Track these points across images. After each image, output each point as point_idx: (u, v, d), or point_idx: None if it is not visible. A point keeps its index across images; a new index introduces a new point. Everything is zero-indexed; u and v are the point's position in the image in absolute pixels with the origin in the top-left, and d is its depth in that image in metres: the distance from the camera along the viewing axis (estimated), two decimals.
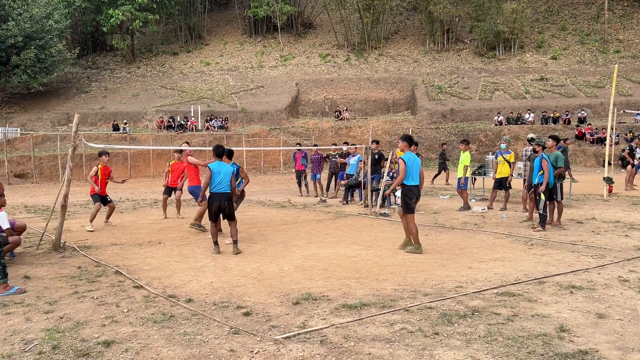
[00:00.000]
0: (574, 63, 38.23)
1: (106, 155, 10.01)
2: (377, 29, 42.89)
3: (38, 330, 4.25)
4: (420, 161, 7.58)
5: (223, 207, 7.38)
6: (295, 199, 14.91)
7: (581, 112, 30.72)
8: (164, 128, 30.42)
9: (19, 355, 3.76)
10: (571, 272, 5.97)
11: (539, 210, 9.06)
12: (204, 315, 4.59)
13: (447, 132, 31.03)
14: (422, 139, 29.93)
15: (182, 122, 30.75)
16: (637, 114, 28.95)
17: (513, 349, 3.75)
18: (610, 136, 15.80)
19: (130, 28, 38.92)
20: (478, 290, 5.27)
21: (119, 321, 4.45)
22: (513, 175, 11.97)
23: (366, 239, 8.35)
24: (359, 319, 4.42)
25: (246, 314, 4.59)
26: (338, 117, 33.54)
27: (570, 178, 14.02)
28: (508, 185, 11.87)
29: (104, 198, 9.94)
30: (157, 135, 29.14)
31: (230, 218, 7.50)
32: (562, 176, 9.80)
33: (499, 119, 30.88)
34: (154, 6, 38.15)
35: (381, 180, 11.84)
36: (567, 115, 30.44)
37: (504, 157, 11.67)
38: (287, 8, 41.81)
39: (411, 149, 12.09)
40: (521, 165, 12.44)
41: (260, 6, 41.37)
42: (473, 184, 14.70)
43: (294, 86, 36.97)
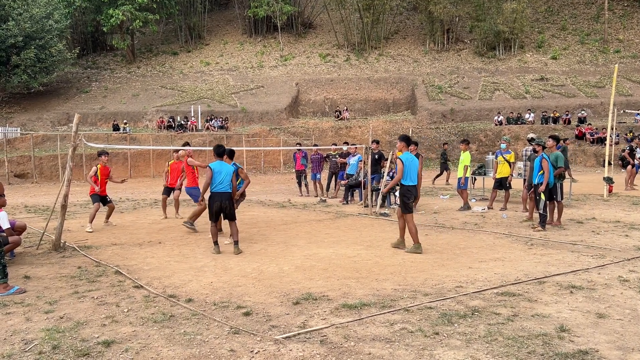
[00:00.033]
0: (574, 63, 38.23)
1: (105, 155, 10.01)
2: (377, 29, 42.88)
3: (38, 330, 4.25)
4: (417, 161, 7.57)
5: (224, 207, 7.40)
6: (295, 199, 14.91)
7: (581, 112, 30.72)
8: (164, 128, 30.43)
9: (19, 355, 3.76)
10: (571, 272, 5.98)
11: (539, 210, 9.06)
12: (204, 315, 4.59)
13: (447, 132, 31.03)
14: (422, 139, 29.94)
15: (182, 122, 30.75)
16: (637, 114, 28.94)
17: (513, 349, 3.75)
18: (610, 136, 15.80)
19: (130, 28, 38.91)
20: (478, 290, 5.27)
21: (119, 321, 4.45)
22: (513, 175, 11.97)
23: (366, 239, 8.35)
24: (359, 319, 4.42)
25: (246, 314, 4.60)
26: (338, 117, 33.53)
27: (570, 178, 14.01)
28: (508, 185, 11.87)
29: (104, 198, 9.94)
30: (157, 135, 29.14)
31: (231, 218, 7.51)
32: (562, 176, 9.81)
33: (499, 119, 30.88)
34: (154, 6, 38.14)
35: (381, 180, 11.84)
36: (567, 115, 30.43)
37: (504, 157, 11.67)
38: (287, 8, 41.80)
39: (411, 149, 12.17)
40: (521, 165, 12.44)
41: (260, 6, 41.35)
42: (473, 184, 14.70)
43: (294, 86, 36.96)
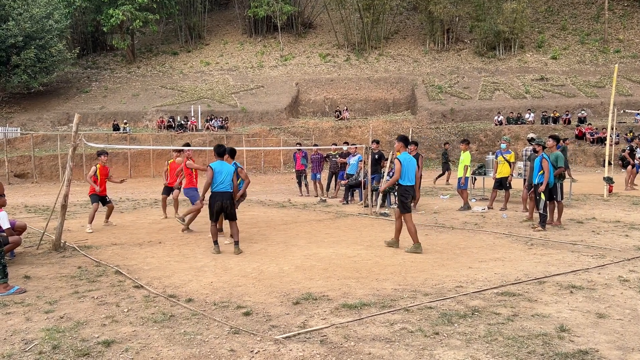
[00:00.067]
0: (574, 63, 38.22)
1: (105, 155, 10.01)
2: (377, 29, 42.88)
3: (38, 330, 4.25)
4: (415, 162, 7.58)
5: (225, 207, 7.41)
6: (295, 199, 14.91)
7: (581, 112, 30.71)
8: (164, 128, 30.43)
9: (19, 355, 3.76)
10: (571, 272, 5.98)
11: (539, 210, 9.06)
12: (204, 315, 4.59)
13: (447, 132, 31.02)
14: (422, 139, 29.94)
15: (182, 122, 30.75)
16: (637, 114, 28.93)
17: (513, 349, 3.75)
18: (610, 136, 15.80)
19: (130, 28, 38.90)
20: (478, 290, 5.27)
21: (119, 321, 4.45)
22: (513, 175, 11.98)
23: (366, 239, 8.35)
24: (359, 319, 4.42)
25: (246, 314, 4.60)
26: (338, 117, 33.53)
27: (569, 178, 14.02)
28: (508, 185, 11.87)
29: (103, 198, 9.93)
30: (157, 135, 29.14)
31: (231, 218, 7.52)
32: (563, 176, 9.80)
33: (499, 119, 30.87)
34: (154, 6, 38.14)
35: (381, 180, 11.85)
36: (567, 115, 30.43)
37: (504, 157, 11.67)
38: (287, 8, 41.78)
39: (411, 149, 12.17)
40: (521, 165, 12.45)
41: (260, 6, 41.34)
42: (473, 184, 14.70)
43: (294, 86, 36.95)
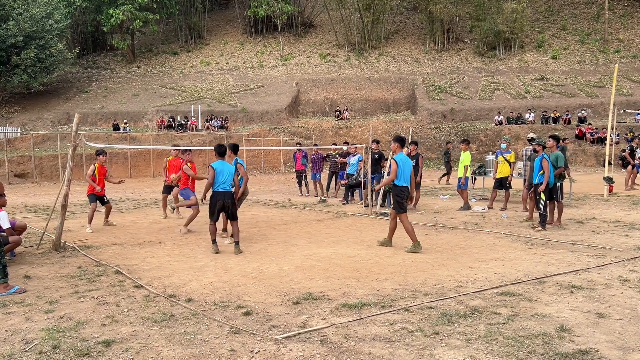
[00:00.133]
0: (574, 63, 38.22)
1: (104, 154, 10.00)
2: (377, 29, 42.87)
3: (38, 329, 4.25)
4: (411, 162, 7.59)
5: (226, 206, 7.43)
6: (295, 199, 14.92)
7: (581, 112, 30.72)
8: (164, 128, 30.43)
9: (19, 354, 3.76)
10: (571, 272, 5.97)
11: (539, 210, 9.06)
12: (204, 314, 4.59)
13: (447, 132, 31.03)
14: (422, 139, 29.93)
15: (182, 122, 30.75)
16: (638, 114, 28.94)
17: (513, 349, 3.75)
18: (610, 136, 15.81)
19: (130, 28, 38.91)
20: (478, 290, 5.27)
21: (119, 321, 4.45)
22: (513, 175, 11.97)
23: (366, 239, 8.35)
24: (359, 319, 4.42)
25: (246, 314, 4.59)
26: (338, 117, 33.53)
27: (569, 177, 14.00)
28: (508, 185, 11.87)
29: (102, 198, 9.92)
30: (158, 135, 29.15)
31: (232, 217, 7.53)
32: (563, 176, 9.80)
33: (499, 119, 30.87)
34: (154, 6, 38.14)
35: (381, 179, 11.85)
36: (568, 115, 30.43)
37: (504, 157, 11.67)
38: (287, 8, 41.78)
39: (411, 149, 12.18)
40: (521, 165, 12.45)
41: (260, 6, 41.33)
42: (473, 184, 14.70)
43: (294, 86, 36.95)
